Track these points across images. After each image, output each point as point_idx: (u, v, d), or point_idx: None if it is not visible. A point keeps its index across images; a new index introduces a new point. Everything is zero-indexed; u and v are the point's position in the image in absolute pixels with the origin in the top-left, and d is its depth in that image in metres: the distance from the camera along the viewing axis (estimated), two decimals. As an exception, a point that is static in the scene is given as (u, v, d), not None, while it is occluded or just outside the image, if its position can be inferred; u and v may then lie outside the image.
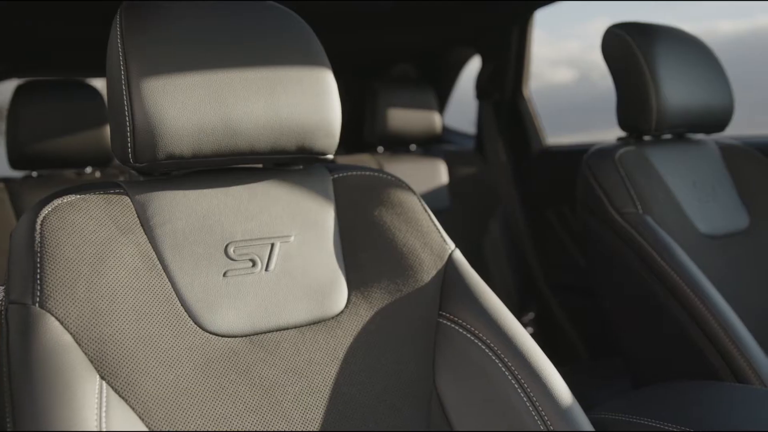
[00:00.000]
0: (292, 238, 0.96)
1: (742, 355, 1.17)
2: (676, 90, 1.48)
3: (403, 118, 2.34)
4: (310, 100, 0.93)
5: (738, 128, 1.75)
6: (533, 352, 0.92)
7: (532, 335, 2.49)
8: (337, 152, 2.54)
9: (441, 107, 3.11)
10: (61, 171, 2.12)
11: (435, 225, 1.04)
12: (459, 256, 1.03)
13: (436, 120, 2.40)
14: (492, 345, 0.92)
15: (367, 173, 1.06)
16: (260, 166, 1.02)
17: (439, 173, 2.42)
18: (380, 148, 2.43)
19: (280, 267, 0.93)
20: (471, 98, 2.78)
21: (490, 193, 2.48)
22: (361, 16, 2.30)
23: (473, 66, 2.97)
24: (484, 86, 2.65)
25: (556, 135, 2.63)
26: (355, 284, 0.97)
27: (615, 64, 1.54)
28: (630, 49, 1.47)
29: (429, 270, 0.99)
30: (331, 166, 1.07)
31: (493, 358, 0.91)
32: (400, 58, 2.97)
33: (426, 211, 1.05)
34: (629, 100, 1.51)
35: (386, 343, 0.93)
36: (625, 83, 1.51)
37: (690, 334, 1.25)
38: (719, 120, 1.60)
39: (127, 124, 0.84)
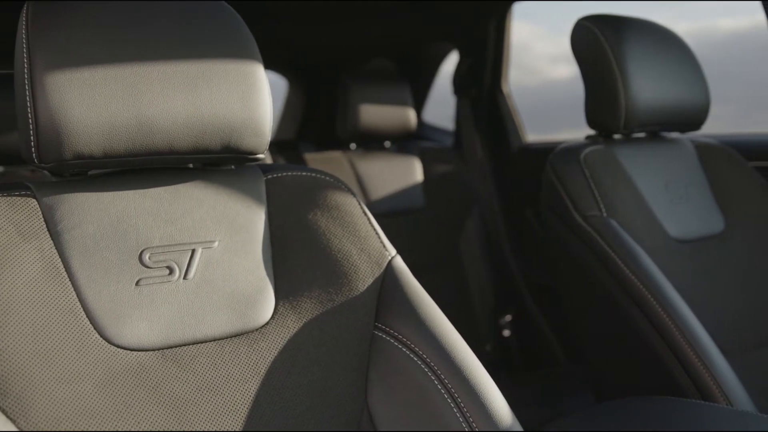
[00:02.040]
0: (216, 244, 0.89)
1: (708, 371, 1.11)
2: (647, 86, 1.41)
3: (376, 113, 2.27)
4: (236, 96, 0.87)
5: (736, 126, 1.68)
6: (473, 369, 0.86)
7: (509, 338, 2.44)
8: (308, 149, 2.48)
9: (420, 103, 3.05)
10: None
11: (374, 229, 0.97)
12: (399, 263, 0.96)
13: (410, 116, 2.33)
14: (429, 360, 0.86)
15: (303, 173, 0.99)
16: (190, 166, 0.95)
17: (414, 171, 2.35)
18: (353, 145, 2.36)
19: (200, 275, 0.86)
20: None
21: (467, 192, 2.41)
22: (334, 7, 2.23)
23: (454, 60, 2.89)
24: (461, 81, 2.58)
25: (555, 132, 2.56)
26: (283, 293, 0.90)
27: (583, 59, 1.47)
28: (598, 42, 1.40)
29: (365, 278, 0.93)
30: (265, 167, 1.00)
31: (430, 374, 0.85)
32: (376, 52, 2.90)
33: (365, 214, 0.98)
34: (597, 97, 1.44)
35: (314, 358, 0.87)
36: (593, 79, 1.44)
37: (654, 347, 1.19)
38: (694, 118, 1.53)
39: (30, 121, 0.78)
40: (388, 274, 0.94)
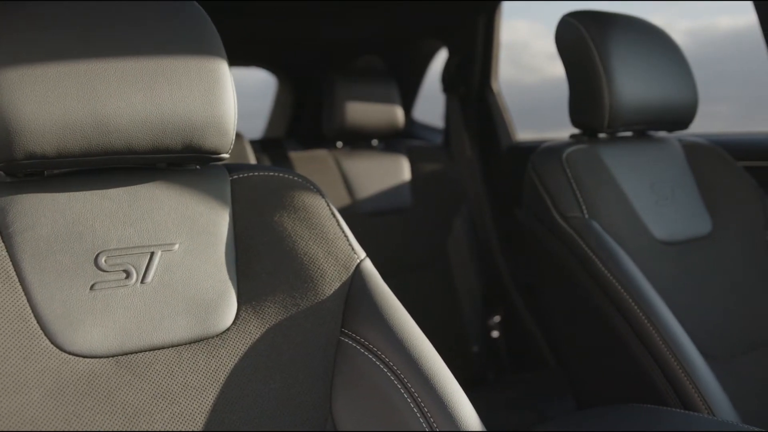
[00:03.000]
0: (177, 247, 0.86)
1: (689, 378, 1.07)
2: (632, 84, 1.37)
3: (362, 111, 2.23)
4: (198, 94, 0.84)
5: (736, 125, 1.65)
6: (440, 377, 0.83)
7: (498, 339, 2.41)
8: (293, 147, 2.44)
9: (410, 101, 3.01)
10: None
11: (343, 231, 0.94)
12: (368, 266, 0.93)
13: (398, 114, 2.30)
14: (395, 368, 0.83)
15: (271, 173, 0.96)
16: (159, 166, 0.92)
17: (401, 170, 2.32)
18: (339, 144, 2.33)
19: (158, 279, 0.83)
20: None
21: (455, 191, 2.38)
22: (322, 3, 2.19)
23: (444, 58, 2.86)
24: (450, 79, 2.55)
25: (555, 131, 2.52)
26: (246, 298, 0.87)
27: (567, 56, 1.43)
28: (582, 39, 1.37)
29: (331, 282, 0.90)
30: (231, 166, 0.97)
31: (395, 382, 0.82)
32: (365, 49, 2.87)
33: (334, 216, 0.95)
34: (581, 95, 1.40)
35: (277, 364, 0.84)
36: (577, 76, 1.41)
37: (634, 353, 1.15)
38: (681, 117, 1.50)
39: None
40: (356, 278, 0.91)
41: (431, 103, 3.08)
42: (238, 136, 2.17)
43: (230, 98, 0.87)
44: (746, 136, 1.89)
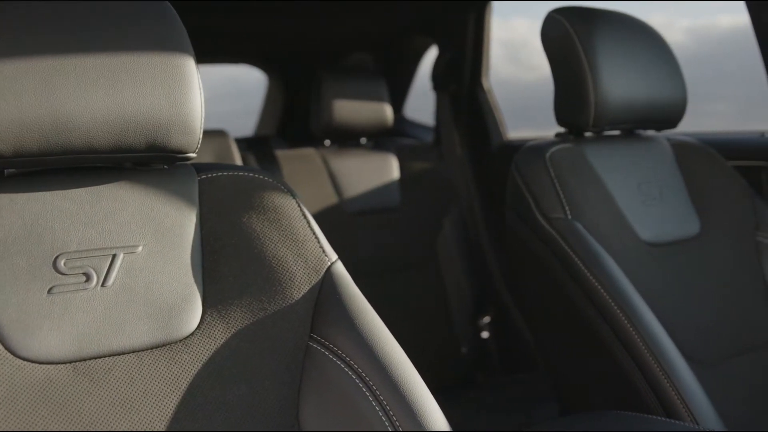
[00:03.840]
0: (140, 249, 0.83)
1: (672, 385, 1.05)
2: (619, 82, 1.34)
3: (350, 109, 2.20)
4: (162, 92, 0.81)
5: (736, 124, 1.62)
6: (410, 384, 0.80)
7: (488, 340, 2.39)
8: (280, 145, 2.41)
9: (401, 98, 2.99)
10: None
11: (314, 233, 0.92)
12: (339, 269, 0.90)
13: (387, 112, 2.27)
14: (364, 374, 0.80)
15: (240, 173, 0.93)
16: (125, 165, 0.90)
17: (390, 168, 2.29)
18: (327, 142, 2.30)
19: (120, 282, 0.81)
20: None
21: (445, 190, 2.35)
22: (312, 0, 2.17)
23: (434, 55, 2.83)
24: (440, 76, 2.52)
25: (555, 128, 2.48)
26: (212, 302, 0.84)
27: (553, 53, 1.40)
28: (568, 36, 1.34)
29: (301, 285, 0.87)
30: (200, 166, 0.94)
31: (364, 390, 0.80)
32: (355, 46, 2.84)
33: (305, 217, 0.92)
34: (566, 93, 1.38)
35: (242, 371, 0.81)
36: (563, 74, 1.38)
37: (617, 358, 1.13)
38: (670, 115, 1.47)
39: None
40: (327, 281, 0.88)
41: (425, 101, 3.06)
42: (223, 134, 2.15)
43: (196, 97, 0.85)
44: (737, 135, 1.86)
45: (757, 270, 1.44)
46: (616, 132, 1.51)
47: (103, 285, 0.80)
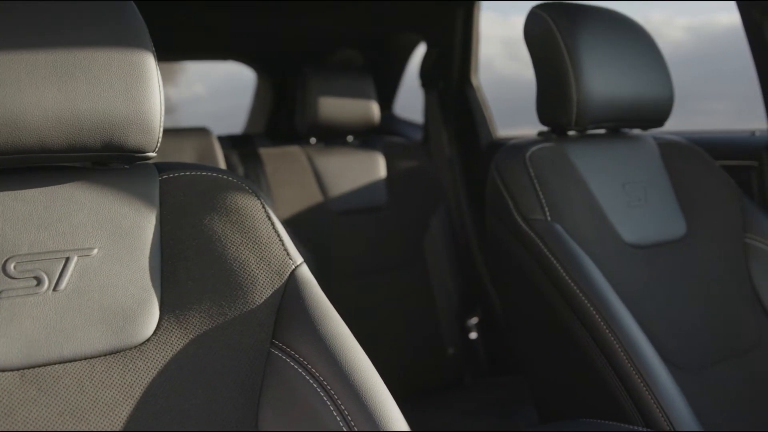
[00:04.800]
0: (96, 251, 0.80)
1: (650, 392, 1.02)
2: (602, 79, 1.31)
3: (336, 106, 2.17)
4: (119, 89, 0.78)
5: (735, 122, 1.59)
6: (375, 393, 0.77)
7: (476, 341, 2.36)
8: (264, 143, 2.38)
9: (390, 96, 2.95)
10: None
11: (279, 236, 0.89)
12: (304, 273, 0.87)
13: (373, 109, 2.24)
14: (325, 383, 0.77)
15: (203, 173, 0.90)
16: (84, 165, 0.87)
17: (376, 167, 2.26)
18: (313, 140, 2.27)
19: (73, 286, 0.78)
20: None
21: (432, 188, 2.32)
22: None
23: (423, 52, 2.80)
24: (428, 73, 2.49)
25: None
26: (169, 306, 0.81)
27: (535, 49, 1.37)
28: (550, 32, 1.31)
29: (263, 290, 0.84)
30: (162, 165, 0.91)
31: (325, 399, 0.77)
32: (344, 43, 2.81)
33: (270, 219, 0.89)
34: (548, 90, 1.34)
35: (200, 379, 0.78)
36: (545, 71, 1.35)
37: (595, 364, 1.09)
38: (656, 114, 1.44)
39: None
40: (290, 285, 0.85)
41: (418, 99, 3.02)
42: (206, 132, 2.12)
43: (155, 94, 0.82)
44: (727, 134, 1.84)
45: (744, 273, 1.41)
46: (601, 131, 1.48)
47: (54, 289, 0.77)
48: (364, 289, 2.12)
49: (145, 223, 0.85)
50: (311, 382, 0.78)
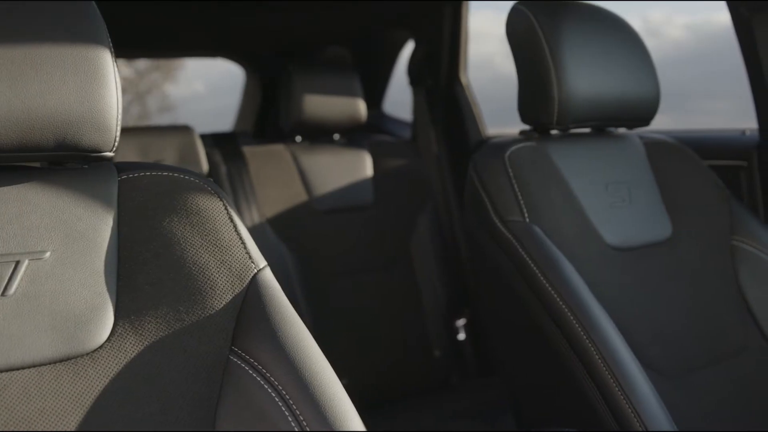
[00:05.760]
0: (48, 255, 0.77)
1: (627, 400, 0.98)
2: (585, 77, 1.28)
3: (321, 104, 2.14)
4: (73, 88, 0.76)
5: (735, 121, 1.56)
6: (336, 404, 0.74)
7: (464, 342, 2.33)
8: (248, 142, 2.35)
9: (380, 93, 2.92)
10: None
11: (241, 238, 0.85)
12: (267, 277, 0.84)
13: (359, 107, 2.20)
14: (284, 393, 0.75)
15: (163, 173, 0.87)
16: (41, 165, 0.84)
17: (363, 165, 2.23)
18: (298, 138, 2.24)
19: (23, 291, 0.75)
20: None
21: (420, 187, 2.29)
22: None
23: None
24: (416, 71, 2.45)
25: None
26: (125, 312, 0.78)
27: (517, 47, 1.34)
28: (532, 29, 1.28)
29: (223, 294, 0.81)
30: (122, 165, 0.88)
31: (284, 409, 0.74)
32: (332, 40, 2.77)
33: (232, 221, 0.86)
34: (530, 88, 1.31)
35: (155, 387, 0.75)
36: (527, 69, 1.32)
37: (571, 370, 1.06)
38: (642, 113, 1.40)
39: None
40: (252, 290, 0.82)
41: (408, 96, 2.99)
42: (188, 130, 2.09)
43: (112, 92, 0.79)
44: (716, 134, 1.80)
45: (731, 275, 1.38)
46: (586, 130, 1.45)
47: (3, 294, 0.74)
48: (349, 290, 2.09)
49: (102, 225, 0.82)
50: (270, 391, 0.75)
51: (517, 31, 1.33)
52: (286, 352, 0.77)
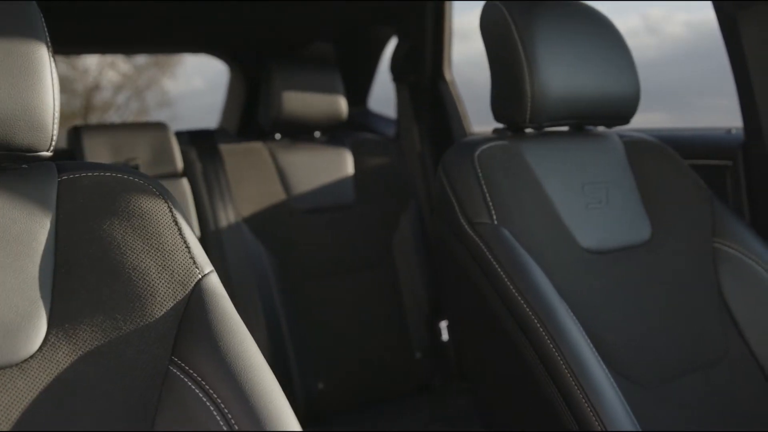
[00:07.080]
0: None
1: (593, 410, 0.95)
2: (560, 73, 1.24)
3: (301, 101, 2.10)
4: (5, 85, 0.72)
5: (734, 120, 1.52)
6: (278, 418, 0.71)
7: (446, 343, 2.29)
8: (225, 140, 2.31)
9: (364, 90, 2.88)
10: None
11: (186, 242, 0.81)
12: (212, 283, 0.80)
13: (340, 104, 2.16)
14: (223, 407, 0.71)
15: (106, 174, 0.83)
16: None
17: (344, 163, 2.19)
18: (278, 136, 2.19)
19: None
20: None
21: (402, 186, 2.25)
22: None
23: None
24: (399, 67, 2.41)
25: None
26: (59, 320, 0.74)
27: (490, 42, 1.30)
28: (505, 24, 1.24)
29: (164, 301, 0.77)
30: (63, 165, 0.84)
31: (223, 425, 0.70)
32: (315, 36, 2.72)
33: (177, 224, 0.82)
34: (502, 85, 1.27)
35: (88, 400, 0.71)
36: (499, 65, 1.27)
37: (538, 379, 1.02)
38: (620, 111, 1.36)
39: None
40: (195, 296, 0.78)
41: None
42: (163, 127, 2.04)
43: (47, 90, 0.75)
44: (700, 132, 1.76)
45: (712, 279, 1.34)
46: (563, 128, 1.41)
47: None
48: (329, 291, 2.05)
49: (38, 229, 0.77)
50: (209, 405, 0.71)
51: (490, 26, 1.29)
52: (227, 364, 0.73)
